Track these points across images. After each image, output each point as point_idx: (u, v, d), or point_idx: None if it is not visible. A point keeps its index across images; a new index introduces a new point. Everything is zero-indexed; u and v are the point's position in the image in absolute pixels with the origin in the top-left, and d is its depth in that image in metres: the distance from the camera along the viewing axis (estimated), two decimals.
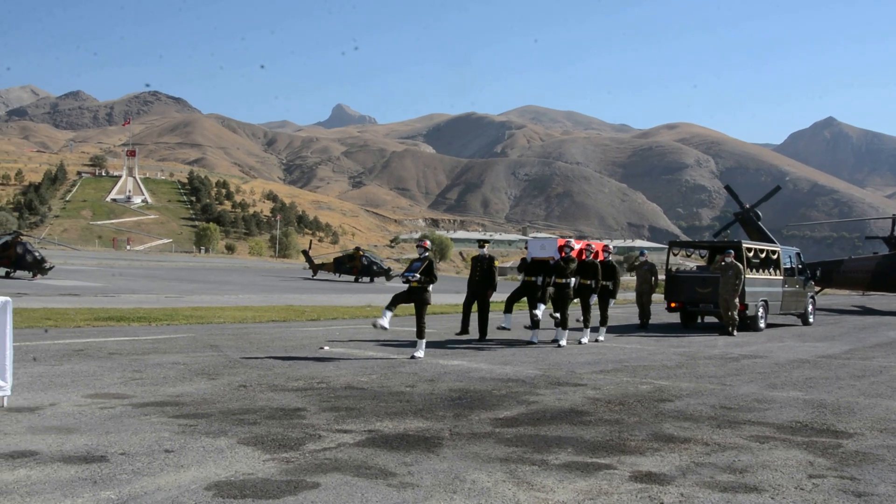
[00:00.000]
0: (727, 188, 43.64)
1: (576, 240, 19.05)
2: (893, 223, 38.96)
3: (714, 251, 25.12)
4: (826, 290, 44.75)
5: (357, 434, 7.45)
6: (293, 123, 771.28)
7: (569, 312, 16.71)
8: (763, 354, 16.07)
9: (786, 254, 24.76)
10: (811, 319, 25.89)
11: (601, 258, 18.22)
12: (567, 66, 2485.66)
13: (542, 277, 16.97)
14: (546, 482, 6.03)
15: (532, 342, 16.81)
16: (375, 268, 54.98)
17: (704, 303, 22.42)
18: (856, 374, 13.22)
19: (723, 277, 20.74)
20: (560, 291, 16.67)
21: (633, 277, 26.08)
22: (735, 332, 20.65)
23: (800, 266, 25.62)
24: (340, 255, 58.12)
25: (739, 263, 21.02)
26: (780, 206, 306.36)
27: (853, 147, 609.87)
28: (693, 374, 12.57)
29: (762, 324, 22.53)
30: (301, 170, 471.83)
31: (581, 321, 17.71)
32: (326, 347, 14.67)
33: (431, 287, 14.01)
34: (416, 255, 14.33)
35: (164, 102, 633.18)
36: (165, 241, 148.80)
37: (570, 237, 33.17)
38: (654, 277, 23.57)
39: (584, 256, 17.69)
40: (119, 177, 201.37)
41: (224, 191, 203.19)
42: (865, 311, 36.85)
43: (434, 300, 15.16)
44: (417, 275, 13.71)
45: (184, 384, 9.98)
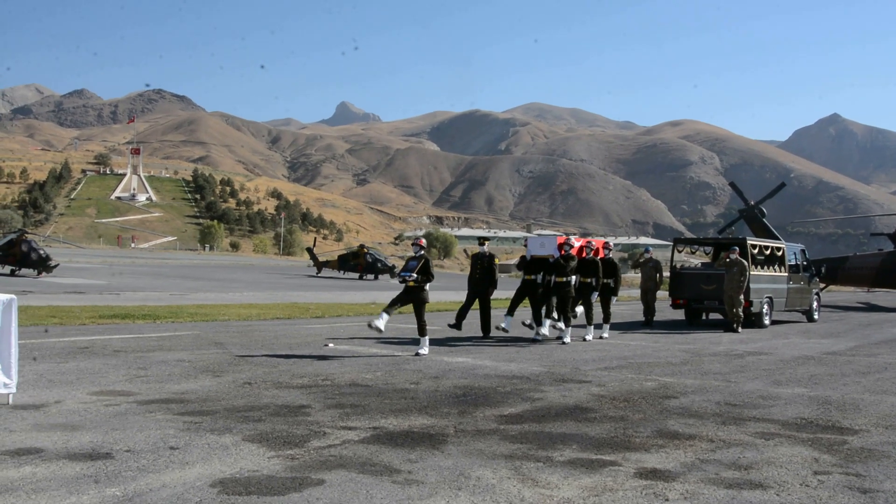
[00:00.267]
0: (732, 185, 43.58)
1: (576, 237, 18.94)
2: None
3: (719, 248, 25.08)
4: (831, 287, 44.71)
5: (362, 431, 7.45)
6: (297, 121, 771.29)
7: (570, 311, 16.64)
8: (768, 351, 16.05)
9: (791, 250, 24.73)
10: (816, 316, 25.86)
11: (601, 256, 18.13)
12: (572, 64, 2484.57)
13: (542, 275, 16.90)
14: (551, 479, 6.03)
15: (537, 339, 16.79)
16: (380, 265, 54.99)
17: (709, 300, 22.41)
18: (861, 371, 13.20)
19: (728, 274, 20.71)
20: (560, 290, 16.56)
21: (638, 274, 26.04)
22: (740, 329, 20.62)
23: (805, 263, 25.60)
24: (345, 253, 58.13)
25: (744, 260, 20.99)
26: (785, 203, 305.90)
27: (858, 143, 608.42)
28: (698, 371, 12.55)
29: (767, 320, 22.51)
30: (305, 167, 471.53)
31: (582, 315, 17.66)
32: (331, 345, 14.68)
33: (428, 286, 13.96)
34: (413, 254, 14.21)
35: (169, 100, 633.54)
36: (170, 239, 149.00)
37: (575, 234, 33.14)
38: (659, 274, 23.53)
39: (585, 254, 17.57)
40: (123, 175, 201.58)
41: (228, 188, 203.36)
42: (870, 308, 36.80)
43: (438, 297, 15.18)
44: (414, 274, 13.65)
45: (188, 381, 10.00)
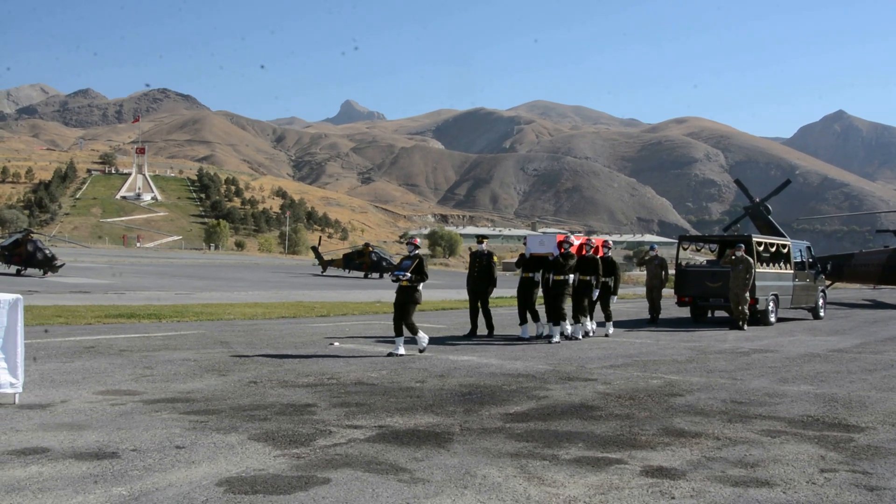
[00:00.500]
0: (737, 182, 43.47)
1: (576, 235, 18.78)
2: None
3: (724, 245, 25.01)
4: (837, 284, 44.64)
5: (367, 430, 7.46)
6: (302, 120, 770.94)
7: (563, 308, 16.54)
8: (774, 349, 16.03)
9: (796, 248, 24.69)
10: (822, 313, 25.81)
11: (601, 254, 17.95)
12: (576, 62, 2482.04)
13: (541, 273, 16.80)
14: (557, 477, 6.03)
15: (541, 334, 16.80)
16: (385, 264, 54.97)
17: (715, 297, 22.36)
18: (867, 368, 13.18)
19: (733, 272, 20.67)
20: (558, 288, 16.42)
21: (644, 272, 26.01)
22: (745, 327, 20.59)
23: (810, 260, 25.55)
24: (350, 252, 58.11)
25: (750, 257, 20.95)
26: (791, 200, 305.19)
27: (863, 140, 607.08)
28: (704, 369, 12.54)
29: (773, 318, 22.46)
30: (310, 166, 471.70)
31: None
32: (336, 343, 14.68)
33: (422, 285, 13.80)
34: (407, 253, 14.04)
35: (174, 100, 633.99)
36: (175, 239, 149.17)
37: (580, 232, 33.04)
38: (665, 272, 23.46)
39: (584, 252, 17.34)
40: (129, 174, 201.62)
41: (233, 188, 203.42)
42: (876, 305, 36.72)
43: (444, 296, 15.14)
44: (408, 273, 13.49)
45: (194, 381, 10.01)
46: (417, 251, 13.88)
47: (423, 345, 13.57)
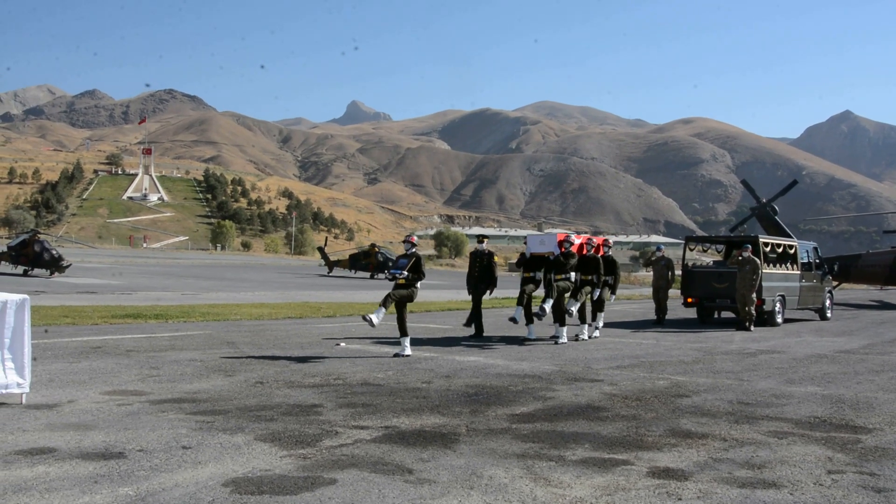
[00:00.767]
0: (744, 183, 43.43)
1: (576, 234, 18.61)
2: None
3: (731, 246, 24.96)
4: (844, 285, 44.51)
5: (374, 430, 7.46)
6: (308, 120, 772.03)
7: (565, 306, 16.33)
8: (780, 349, 15.99)
9: (803, 248, 24.64)
10: (829, 314, 25.75)
11: (601, 253, 17.80)
12: (582, 63, 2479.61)
13: (542, 273, 16.65)
14: (563, 478, 6.02)
15: (529, 337, 16.57)
16: (391, 264, 54.95)
17: (721, 298, 22.31)
18: (874, 369, 13.14)
19: (740, 272, 20.63)
20: (559, 288, 16.20)
21: (650, 273, 25.98)
22: (752, 328, 20.54)
23: (817, 261, 25.49)
24: (356, 252, 58.16)
25: (757, 258, 20.91)
26: (797, 201, 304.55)
27: (870, 141, 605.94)
28: (710, 370, 12.52)
29: (779, 319, 22.42)
30: (316, 167, 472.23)
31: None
32: (342, 344, 14.69)
33: (419, 284, 13.61)
34: (404, 251, 13.87)
35: (180, 101, 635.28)
36: (181, 239, 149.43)
37: (586, 233, 32.99)
38: (671, 272, 23.44)
39: (585, 251, 17.18)
40: (135, 175, 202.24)
41: (240, 188, 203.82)
42: (883, 306, 36.61)
43: (449, 296, 15.11)
44: (405, 272, 13.31)
45: (201, 381, 10.02)
46: (414, 249, 13.72)
47: (373, 323, 12.95)
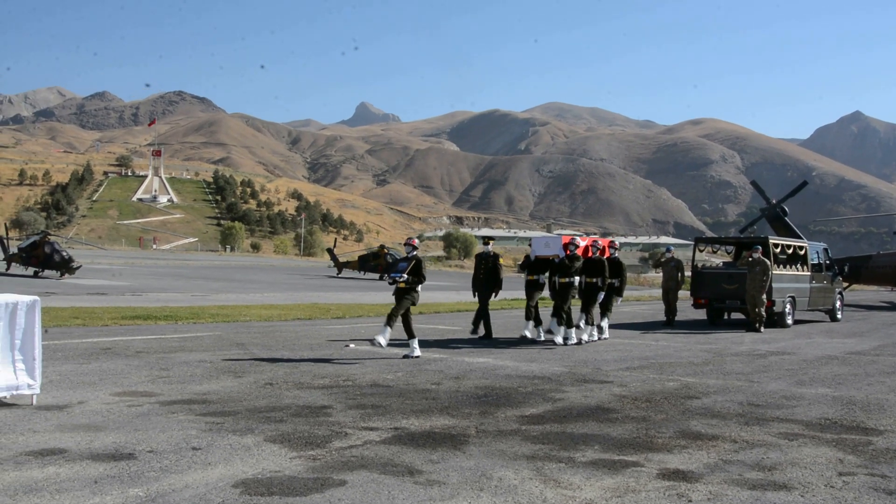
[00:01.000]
0: (753, 184, 43.35)
1: (582, 237, 18.48)
2: None
3: (740, 247, 24.92)
4: (854, 286, 44.39)
5: (383, 432, 7.46)
6: (317, 122, 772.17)
7: (568, 309, 16.19)
8: (791, 351, 15.95)
9: (813, 249, 24.57)
10: (839, 315, 25.68)
11: (607, 255, 17.66)
12: (591, 64, 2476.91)
13: (547, 276, 16.51)
14: (573, 480, 6.01)
15: (537, 340, 16.44)
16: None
17: (731, 299, 22.25)
18: (885, 371, 13.10)
19: (750, 273, 20.58)
20: (564, 291, 16.07)
21: (659, 274, 25.93)
22: (762, 329, 20.49)
23: (827, 262, 25.43)
24: (365, 253, 58.10)
25: (767, 259, 20.86)
26: (807, 202, 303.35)
27: (881, 141, 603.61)
28: (720, 371, 12.49)
29: (789, 320, 22.35)
30: (325, 168, 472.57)
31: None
32: (352, 345, 14.70)
33: (420, 287, 13.40)
34: (405, 254, 13.71)
35: (189, 102, 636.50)
36: (191, 240, 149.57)
37: (595, 234, 32.92)
38: (681, 274, 23.38)
39: (591, 254, 17.00)
40: (145, 176, 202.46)
41: (249, 190, 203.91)
42: (894, 307, 36.50)
43: (457, 297, 15.07)
44: (405, 275, 13.14)
45: (210, 382, 10.03)
46: (415, 252, 13.56)
47: (381, 344, 12.89)
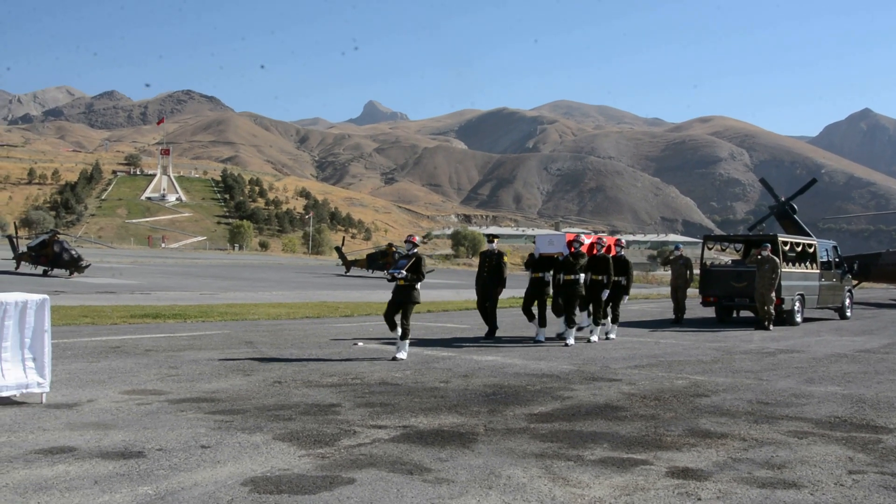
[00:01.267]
0: (762, 181, 43.25)
1: (587, 234, 18.34)
2: None
3: (749, 245, 24.84)
4: (863, 284, 44.24)
5: (392, 430, 7.46)
6: (325, 121, 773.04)
7: (577, 310, 16.16)
8: (800, 349, 15.90)
9: (822, 247, 24.49)
10: (848, 313, 25.59)
11: (613, 253, 17.50)
12: (600, 62, 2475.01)
13: (552, 274, 16.38)
14: (582, 478, 6.00)
15: (538, 340, 16.24)
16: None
17: (740, 297, 22.19)
18: (895, 369, 13.05)
19: (759, 271, 20.53)
20: (569, 288, 15.97)
21: (668, 272, 25.88)
22: (771, 327, 20.44)
23: (837, 259, 25.33)
24: (373, 252, 58.10)
25: (776, 257, 20.80)
26: (816, 199, 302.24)
27: (890, 138, 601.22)
28: (729, 369, 12.46)
29: (799, 318, 22.28)
30: (333, 167, 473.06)
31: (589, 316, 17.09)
32: (360, 343, 14.71)
33: (420, 285, 13.27)
34: (405, 251, 13.59)
35: (198, 101, 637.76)
36: (200, 239, 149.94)
37: (604, 232, 32.84)
38: (690, 272, 23.32)
39: (596, 251, 16.86)
40: (153, 175, 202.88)
41: (257, 188, 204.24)
42: None
43: (466, 295, 15.05)
44: (404, 272, 13.03)
45: (219, 380, 10.05)
46: (416, 250, 13.44)
47: (402, 356, 12.70)
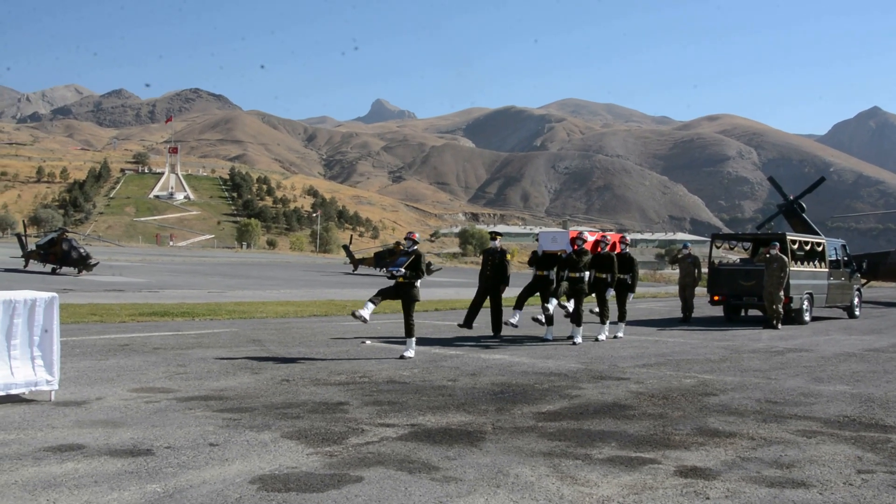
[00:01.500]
0: (770, 180, 43.04)
1: (590, 231, 18.27)
2: None
3: (758, 243, 24.78)
4: (872, 283, 44.10)
5: (400, 428, 7.46)
6: (333, 119, 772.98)
7: (583, 308, 16.07)
8: (808, 348, 15.86)
9: (831, 246, 24.44)
10: (857, 312, 25.53)
11: (618, 250, 17.48)
12: (607, 60, 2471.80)
13: (555, 271, 16.31)
14: (590, 476, 6.00)
15: (546, 339, 16.22)
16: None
17: (748, 296, 22.16)
18: None
19: (767, 270, 20.49)
20: (573, 286, 15.89)
21: (676, 270, 25.83)
22: (780, 326, 20.40)
23: (845, 258, 25.27)
24: (381, 250, 58.21)
25: (784, 256, 20.75)
26: (825, 198, 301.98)
27: None
28: (737, 368, 12.44)
29: (807, 317, 22.24)
30: (341, 165, 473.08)
31: (596, 314, 17.03)
32: (368, 342, 14.71)
33: (419, 283, 13.18)
34: (406, 248, 13.47)
35: (206, 100, 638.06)
36: (207, 237, 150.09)
37: (611, 230, 32.79)
38: (698, 270, 23.28)
39: (600, 249, 16.77)
40: (161, 174, 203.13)
41: (265, 186, 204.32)
42: None
43: (469, 294, 14.98)
44: (402, 269, 12.93)
45: (227, 378, 10.06)
46: (416, 247, 13.37)
47: (410, 355, 12.67)
